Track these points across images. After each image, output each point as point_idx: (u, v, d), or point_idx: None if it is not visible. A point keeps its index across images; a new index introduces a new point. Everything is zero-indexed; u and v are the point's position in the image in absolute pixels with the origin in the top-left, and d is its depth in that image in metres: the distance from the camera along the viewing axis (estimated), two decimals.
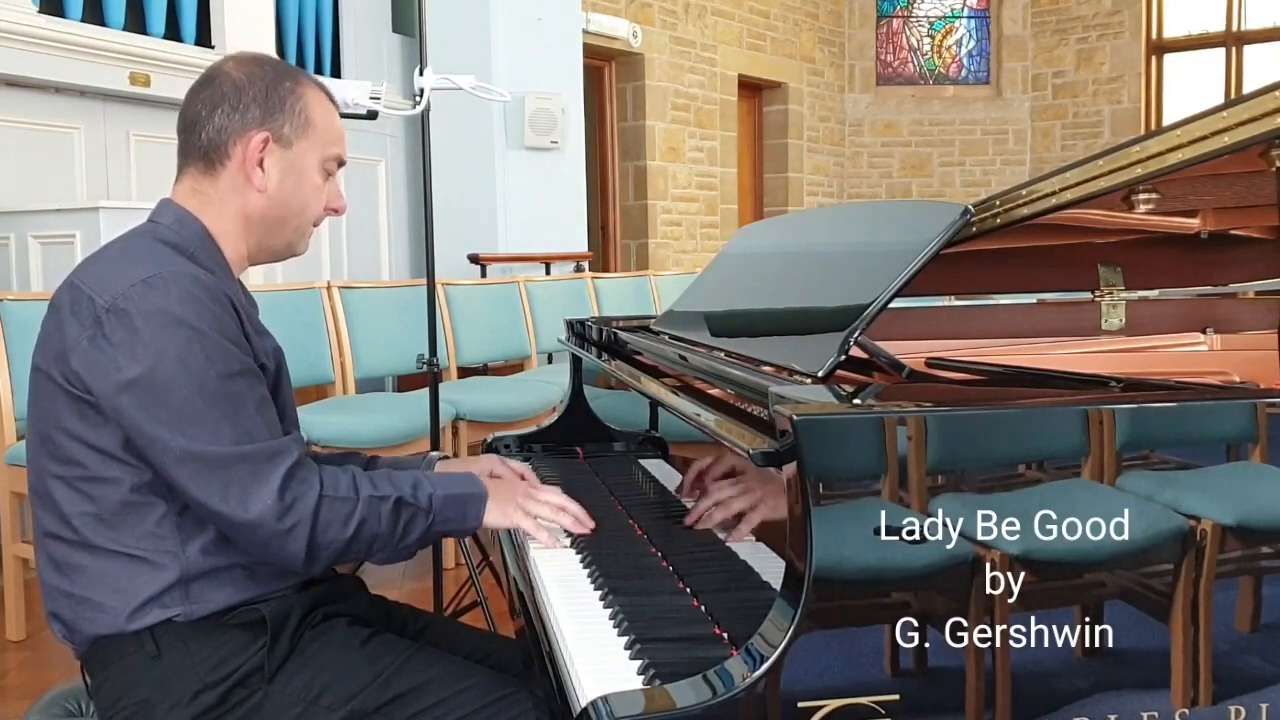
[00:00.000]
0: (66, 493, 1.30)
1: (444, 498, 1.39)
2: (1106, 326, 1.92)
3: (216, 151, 1.38)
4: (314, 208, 1.45)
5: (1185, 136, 1.27)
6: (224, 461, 1.25)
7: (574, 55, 6.41)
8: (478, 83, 2.79)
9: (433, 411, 2.82)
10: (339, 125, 1.47)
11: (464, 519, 1.42)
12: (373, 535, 1.33)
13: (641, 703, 1.01)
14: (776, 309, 1.69)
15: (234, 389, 1.27)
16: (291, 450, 1.30)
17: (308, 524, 1.28)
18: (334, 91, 1.49)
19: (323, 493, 1.30)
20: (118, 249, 1.36)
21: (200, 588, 1.31)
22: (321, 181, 1.45)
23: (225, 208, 1.40)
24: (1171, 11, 9.87)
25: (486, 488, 1.45)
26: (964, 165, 10.40)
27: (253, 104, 1.38)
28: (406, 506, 1.36)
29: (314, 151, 1.42)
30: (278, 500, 1.26)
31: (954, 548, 1.06)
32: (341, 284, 4.40)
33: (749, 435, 1.15)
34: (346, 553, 1.33)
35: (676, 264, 8.23)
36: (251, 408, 1.29)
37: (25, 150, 4.24)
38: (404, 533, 1.36)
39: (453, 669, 1.37)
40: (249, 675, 1.30)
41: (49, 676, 2.70)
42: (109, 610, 1.29)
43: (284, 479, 1.27)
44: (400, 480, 1.38)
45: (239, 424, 1.27)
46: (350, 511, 1.31)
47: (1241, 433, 1.14)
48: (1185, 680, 1.10)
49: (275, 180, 1.40)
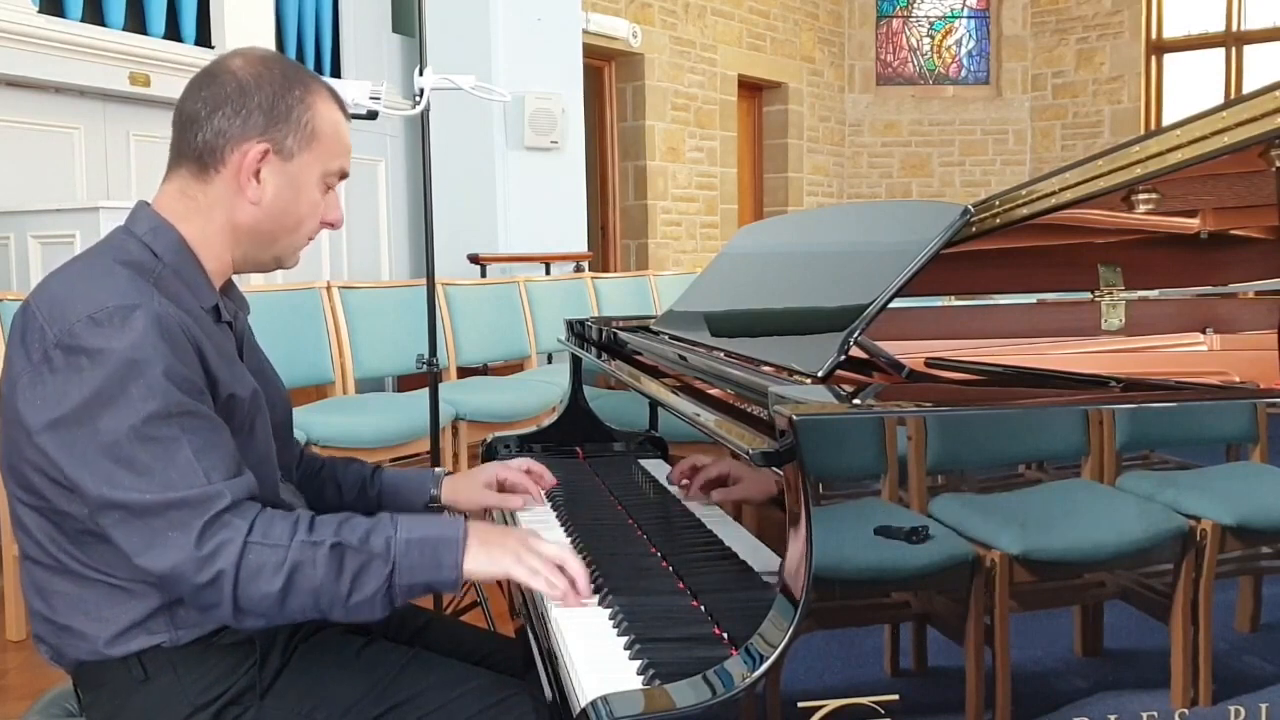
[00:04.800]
0: (35, 519, 1.25)
1: (408, 541, 1.22)
2: (1106, 326, 1.92)
3: (211, 156, 1.29)
4: (308, 224, 1.36)
5: (1185, 136, 1.27)
6: (146, 510, 1.15)
7: (574, 55, 6.41)
8: (478, 83, 2.79)
9: (432, 411, 2.82)
10: (347, 137, 1.38)
11: (437, 567, 1.23)
12: (312, 587, 1.17)
13: (641, 703, 1.01)
14: (776, 309, 1.69)
15: (168, 432, 1.16)
16: (223, 496, 1.17)
17: (230, 576, 1.15)
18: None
19: (249, 539, 1.16)
20: (77, 270, 1.26)
21: (185, 613, 1.25)
22: (320, 196, 1.36)
23: (212, 215, 1.31)
24: (1171, 11, 9.87)
25: (467, 530, 1.26)
26: (964, 165, 10.40)
27: (257, 110, 1.29)
28: (352, 553, 1.19)
29: (316, 165, 1.33)
30: (194, 550, 1.14)
31: (954, 548, 1.06)
32: (341, 284, 4.40)
33: (749, 435, 1.15)
34: (284, 608, 1.18)
35: (676, 264, 8.23)
36: (188, 452, 1.17)
37: (25, 150, 4.24)
38: (353, 584, 1.19)
39: (450, 674, 1.35)
40: (241, 694, 1.27)
41: (49, 676, 2.69)
42: (89, 638, 1.25)
43: (203, 528, 1.15)
44: (353, 525, 1.22)
45: (169, 470, 1.15)
46: (280, 560, 1.16)
47: (1241, 433, 1.14)
48: (1185, 680, 1.10)
49: (270, 193, 1.31)
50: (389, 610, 1.22)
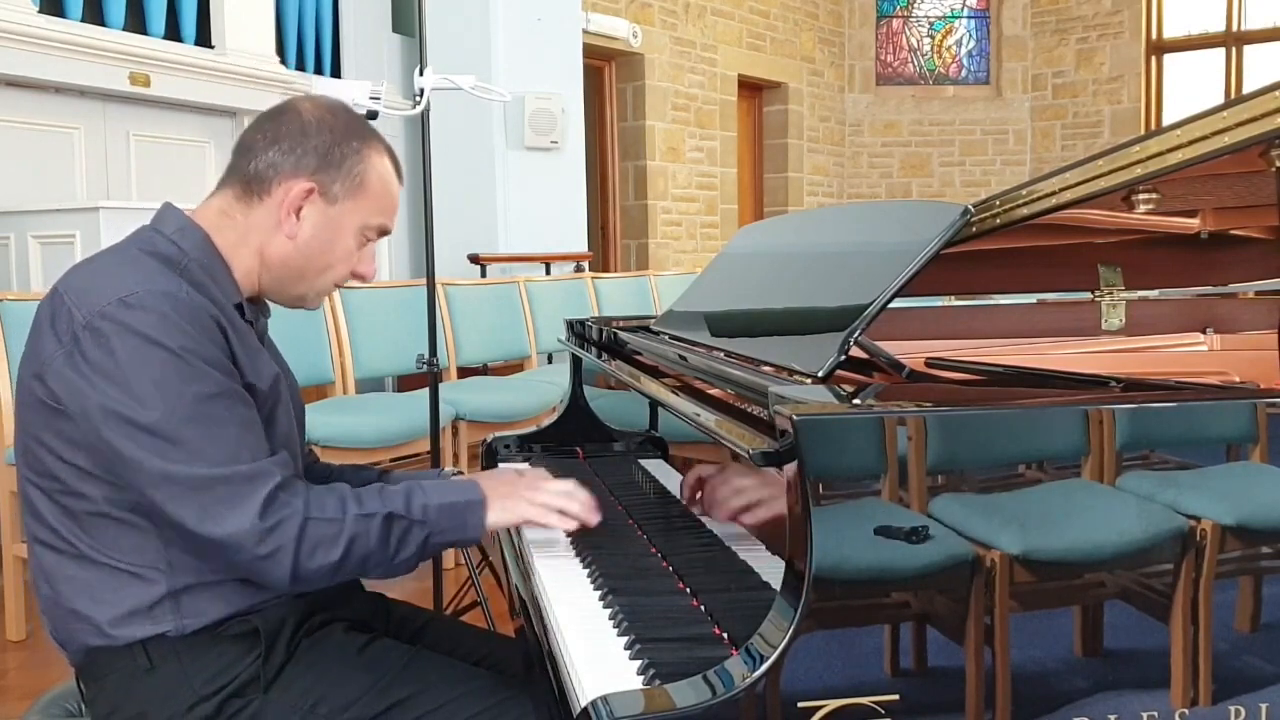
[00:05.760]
0: (46, 504, 1.28)
1: (439, 507, 1.34)
2: (1106, 326, 1.92)
3: (259, 184, 1.35)
4: (338, 269, 1.41)
5: (1185, 136, 1.27)
6: (201, 483, 1.21)
7: (574, 55, 6.41)
8: (478, 83, 2.79)
9: (432, 412, 2.82)
10: (395, 197, 1.43)
11: (464, 528, 1.37)
12: (364, 554, 1.29)
13: (641, 703, 1.01)
14: (776, 309, 1.69)
15: (212, 410, 1.23)
16: (274, 473, 1.25)
17: (290, 549, 1.23)
18: (334, 92, 1.47)
19: (308, 515, 1.25)
20: (105, 259, 1.32)
21: (191, 602, 1.28)
22: (355, 246, 1.40)
23: (247, 238, 1.36)
24: (1171, 11, 9.87)
25: (484, 492, 1.40)
26: (964, 165, 10.40)
27: (312, 152, 1.34)
28: (398, 521, 1.31)
29: (357, 215, 1.38)
30: (258, 523, 1.22)
31: (954, 548, 1.06)
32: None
33: (749, 435, 1.15)
34: (338, 573, 1.29)
35: (676, 264, 8.24)
36: (233, 429, 1.24)
37: (25, 150, 4.24)
38: (398, 548, 1.31)
39: (451, 673, 1.36)
40: (244, 686, 1.28)
41: (49, 676, 2.70)
42: (94, 621, 1.27)
43: (264, 502, 1.22)
44: (391, 495, 1.33)
45: (218, 446, 1.22)
46: (337, 533, 1.26)
47: (1241, 433, 1.14)
48: (1185, 680, 1.10)
49: (307, 232, 1.36)
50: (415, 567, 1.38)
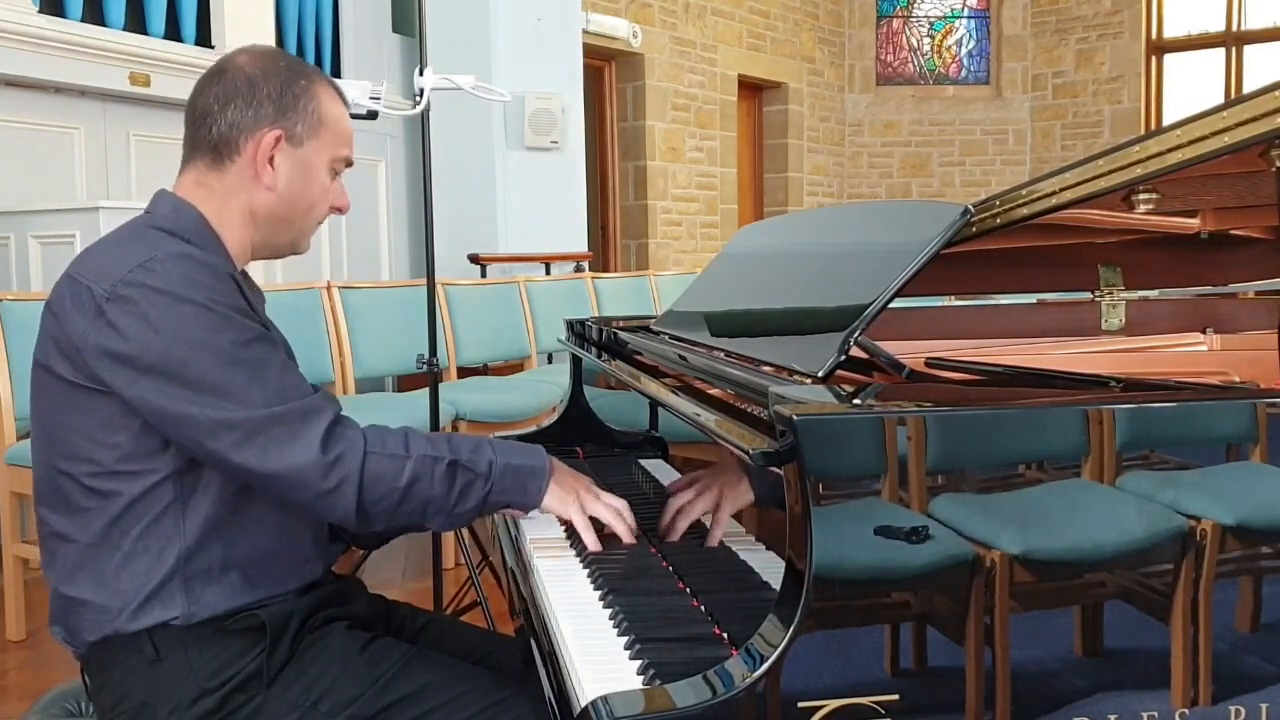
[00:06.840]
0: (75, 489, 1.29)
1: (505, 466, 1.35)
2: (1106, 326, 1.92)
3: (227, 146, 1.37)
4: (320, 207, 1.45)
5: (1185, 136, 1.27)
6: (258, 425, 1.23)
7: (574, 55, 6.41)
8: (478, 83, 2.79)
9: (433, 412, 2.82)
10: (349, 126, 1.46)
11: (524, 493, 1.38)
12: (426, 497, 1.30)
13: (641, 703, 1.01)
14: (776, 309, 1.69)
15: (253, 354, 1.26)
16: (326, 408, 1.28)
17: (354, 481, 1.25)
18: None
19: (368, 449, 1.27)
20: (112, 239, 1.35)
21: (200, 589, 1.29)
22: (329, 181, 1.44)
23: (230, 202, 1.38)
24: (1171, 11, 9.87)
25: (551, 464, 1.41)
26: (964, 165, 10.40)
27: (266, 100, 1.37)
28: (463, 470, 1.32)
29: (324, 151, 1.42)
30: (320, 456, 1.24)
31: (954, 548, 1.06)
32: (341, 284, 4.40)
33: (749, 435, 1.15)
34: (398, 513, 1.29)
35: (676, 264, 8.23)
36: (276, 369, 1.27)
37: (25, 150, 4.24)
38: (459, 498, 1.32)
39: (451, 672, 1.37)
40: (248, 680, 1.29)
41: (49, 676, 2.70)
42: (109, 610, 1.28)
43: (324, 436, 1.25)
44: (459, 443, 1.34)
45: (266, 386, 1.25)
46: (400, 469, 1.28)
47: (1241, 433, 1.14)
48: (1185, 680, 1.10)
49: (284, 179, 1.39)
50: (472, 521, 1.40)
